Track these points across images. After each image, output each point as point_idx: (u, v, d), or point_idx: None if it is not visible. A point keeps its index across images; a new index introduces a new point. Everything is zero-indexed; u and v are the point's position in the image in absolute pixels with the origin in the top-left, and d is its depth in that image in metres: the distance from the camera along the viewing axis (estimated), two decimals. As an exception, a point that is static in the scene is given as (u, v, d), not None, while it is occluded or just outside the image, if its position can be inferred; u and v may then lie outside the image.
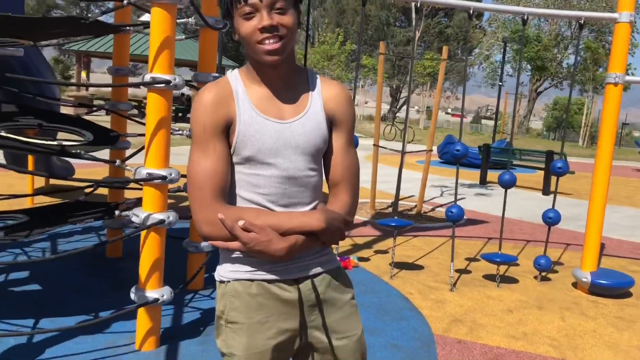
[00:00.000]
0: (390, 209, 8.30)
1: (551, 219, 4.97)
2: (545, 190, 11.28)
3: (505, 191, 4.94)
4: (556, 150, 12.55)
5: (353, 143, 1.62)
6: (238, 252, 1.49)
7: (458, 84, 49.46)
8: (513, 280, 5.13)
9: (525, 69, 39.04)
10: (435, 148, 16.18)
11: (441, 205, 9.06)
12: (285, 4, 1.42)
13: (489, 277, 5.10)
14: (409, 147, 8.10)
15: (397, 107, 48.63)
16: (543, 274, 5.23)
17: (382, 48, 7.99)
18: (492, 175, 11.96)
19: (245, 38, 1.42)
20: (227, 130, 1.48)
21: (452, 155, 4.78)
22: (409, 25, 46.73)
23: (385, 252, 5.81)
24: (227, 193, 1.50)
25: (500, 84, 25.15)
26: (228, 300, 1.53)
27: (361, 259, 5.42)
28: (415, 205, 8.40)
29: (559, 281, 5.21)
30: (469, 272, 5.32)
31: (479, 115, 78.98)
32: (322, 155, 1.58)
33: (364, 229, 6.98)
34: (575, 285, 5.07)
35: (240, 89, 1.50)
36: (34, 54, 5.56)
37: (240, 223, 1.38)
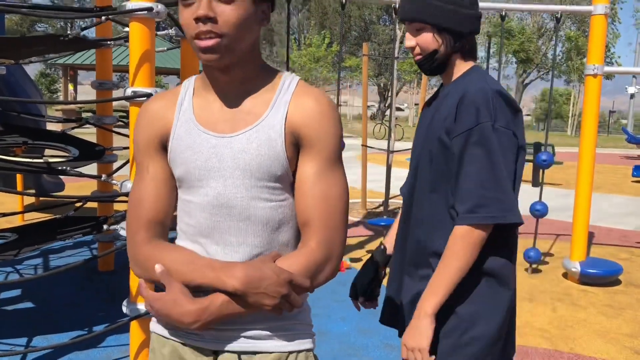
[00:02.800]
0: (382, 208, 8.34)
1: (539, 211, 5.02)
2: (535, 182, 11.35)
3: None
4: (544, 141, 12.59)
5: (336, 169, 1.22)
6: None
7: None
8: (504, 274, 5.17)
9: (511, 62, 39.25)
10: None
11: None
12: None
13: (480, 272, 5.14)
14: (398, 145, 8.15)
15: (386, 105, 48.74)
16: (534, 266, 5.28)
17: (365, 49, 8.04)
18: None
19: (184, 30, 1.14)
20: (163, 146, 1.25)
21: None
22: (392, 24, 46.87)
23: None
24: (165, 223, 1.25)
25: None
26: (150, 351, 1.31)
27: (353, 260, 5.45)
28: (406, 204, 8.43)
29: (550, 272, 5.27)
30: (461, 267, 5.36)
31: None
32: (292, 187, 1.24)
33: (356, 229, 7.01)
34: (565, 275, 5.12)
35: (187, 97, 1.26)
36: (16, 71, 5.57)
37: (141, 282, 1.16)
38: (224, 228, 1.19)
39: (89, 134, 4.69)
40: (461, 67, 1.67)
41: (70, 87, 24.85)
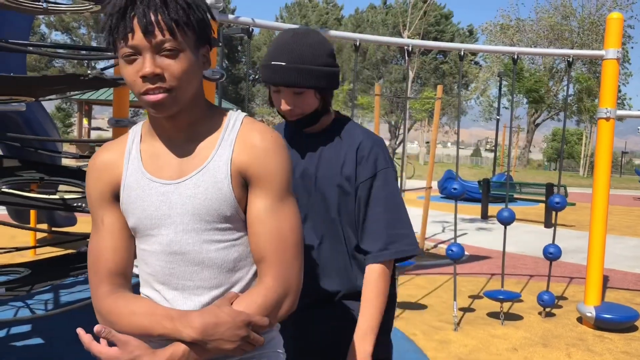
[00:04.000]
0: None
1: (552, 254, 4.96)
2: (547, 223, 11.28)
3: (505, 228, 4.96)
4: (556, 181, 12.57)
5: (286, 203, 1.22)
6: None
7: (456, 118, 49.86)
8: (517, 317, 5.10)
9: (522, 102, 39.46)
10: (435, 183, 16.27)
11: (443, 242, 9.04)
12: (177, 44, 1.11)
13: (493, 315, 5.07)
14: (410, 184, 8.15)
15: (397, 143, 48.97)
16: (547, 309, 5.20)
17: (378, 89, 8.13)
18: (494, 209, 11.97)
19: (128, 85, 1.15)
20: (116, 197, 1.25)
21: (449, 194, 4.82)
22: (404, 63, 47.42)
23: (388, 292, 5.79)
24: (126, 273, 1.25)
25: (498, 117, 25.37)
26: None
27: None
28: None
29: (564, 316, 5.18)
30: (473, 310, 5.29)
31: (479, 148, 79.30)
32: (245, 224, 1.23)
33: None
34: (580, 320, 5.03)
35: (135, 147, 1.26)
36: (35, 107, 5.67)
37: (96, 329, 1.14)
38: (179, 274, 1.20)
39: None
40: (327, 115, 1.76)
41: (85, 121, 25.26)
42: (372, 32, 44.54)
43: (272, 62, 1.61)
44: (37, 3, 3.68)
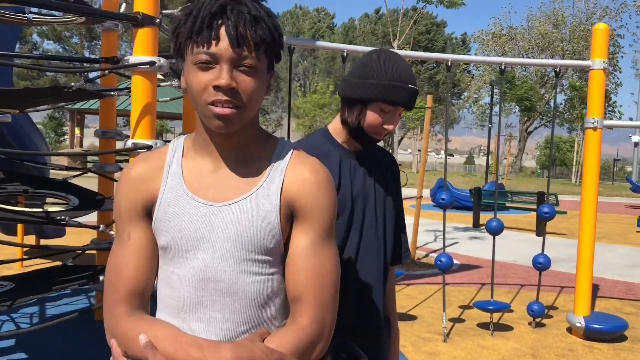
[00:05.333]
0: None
1: (541, 264, 4.96)
2: (539, 232, 11.29)
3: (494, 238, 4.95)
4: (553, 188, 12.59)
5: (329, 242, 1.18)
6: None
7: (449, 126, 50.03)
8: (507, 328, 5.08)
9: (514, 110, 39.67)
10: (427, 192, 16.29)
11: (435, 251, 9.03)
12: (257, 62, 1.09)
13: (483, 326, 5.05)
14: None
15: (390, 151, 49.04)
16: (537, 320, 5.19)
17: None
18: (486, 217, 11.97)
19: (193, 92, 1.09)
20: (147, 212, 1.18)
21: (438, 204, 4.81)
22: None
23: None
24: (146, 294, 1.17)
25: (490, 125, 25.45)
26: None
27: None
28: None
29: (554, 327, 5.17)
30: (463, 320, 5.27)
31: (472, 156, 79.64)
32: (284, 260, 1.18)
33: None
34: (570, 330, 5.02)
35: (176, 161, 1.20)
36: (21, 118, 5.63)
37: (143, 341, 1.05)
38: (208, 303, 1.12)
39: (91, 176, 4.74)
40: None
41: (77, 131, 25.16)
42: (362, 42, 44.69)
43: (410, 86, 1.66)
44: (21, 15, 3.66)
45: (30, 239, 7.40)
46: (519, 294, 6.41)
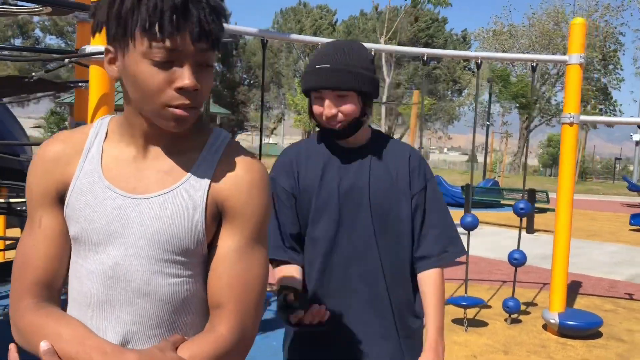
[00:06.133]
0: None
1: (517, 260, 4.94)
2: (529, 229, 11.24)
3: (468, 233, 4.93)
4: (549, 187, 12.60)
5: (259, 246, 1.09)
6: None
7: (448, 123, 50.00)
8: (483, 324, 5.05)
9: (510, 108, 39.61)
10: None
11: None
12: (212, 56, 1.01)
13: (458, 322, 5.03)
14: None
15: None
16: (513, 316, 5.16)
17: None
18: (480, 214, 11.94)
19: (144, 91, 0.98)
20: (61, 198, 1.07)
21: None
22: (398, 68, 47.54)
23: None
24: (55, 285, 1.08)
25: (488, 123, 25.42)
26: None
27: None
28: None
29: (530, 323, 5.14)
30: (439, 316, 5.24)
31: (475, 154, 79.44)
32: (205, 261, 1.09)
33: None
34: (545, 327, 4.99)
35: (97, 143, 1.09)
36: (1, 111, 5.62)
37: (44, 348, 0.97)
38: (117, 303, 1.03)
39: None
40: (365, 129, 1.74)
41: (76, 125, 25.20)
42: (363, 39, 44.60)
43: (317, 66, 1.61)
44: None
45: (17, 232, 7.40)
46: (500, 290, 6.39)
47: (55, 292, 1.07)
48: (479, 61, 4.82)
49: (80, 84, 4.03)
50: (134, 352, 0.97)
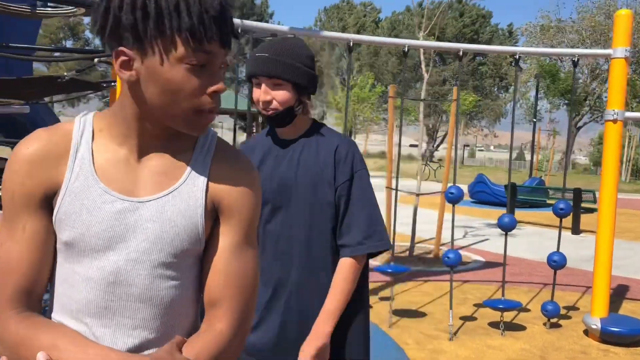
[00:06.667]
0: (407, 253, 8.14)
1: (556, 262, 4.76)
2: (575, 229, 10.87)
3: (506, 234, 4.78)
4: (598, 186, 12.04)
5: (252, 243, 1.11)
6: None
7: (495, 121, 48.99)
8: (520, 328, 4.89)
9: (560, 104, 38.46)
10: (466, 187, 15.97)
11: (462, 248, 8.82)
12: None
13: (495, 325, 4.88)
14: (429, 187, 7.97)
15: (435, 146, 48.41)
16: (553, 320, 4.97)
17: (392, 92, 7.99)
18: (523, 214, 11.64)
19: (178, 95, 0.96)
20: (48, 201, 1.01)
21: (447, 199, 4.67)
22: (443, 65, 46.88)
23: (389, 299, 5.66)
24: (38, 293, 1.03)
25: (535, 119, 24.79)
26: None
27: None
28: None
29: (570, 328, 4.95)
30: (475, 319, 5.11)
31: (523, 152, 77.65)
32: (200, 260, 1.09)
33: (373, 274, 6.83)
34: (587, 332, 4.79)
35: (85, 144, 1.03)
36: (42, 110, 5.79)
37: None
38: (117, 308, 1.00)
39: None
40: (305, 121, 1.83)
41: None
42: (408, 35, 44.14)
43: (257, 54, 1.73)
44: (22, 6, 3.73)
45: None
46: (540, 293, 6.18)
47: (36, 301, 1.03)
48: (517, 56, 4.66)
49: (113, 84, 4.10)
50: (143, 357, 0.96)
